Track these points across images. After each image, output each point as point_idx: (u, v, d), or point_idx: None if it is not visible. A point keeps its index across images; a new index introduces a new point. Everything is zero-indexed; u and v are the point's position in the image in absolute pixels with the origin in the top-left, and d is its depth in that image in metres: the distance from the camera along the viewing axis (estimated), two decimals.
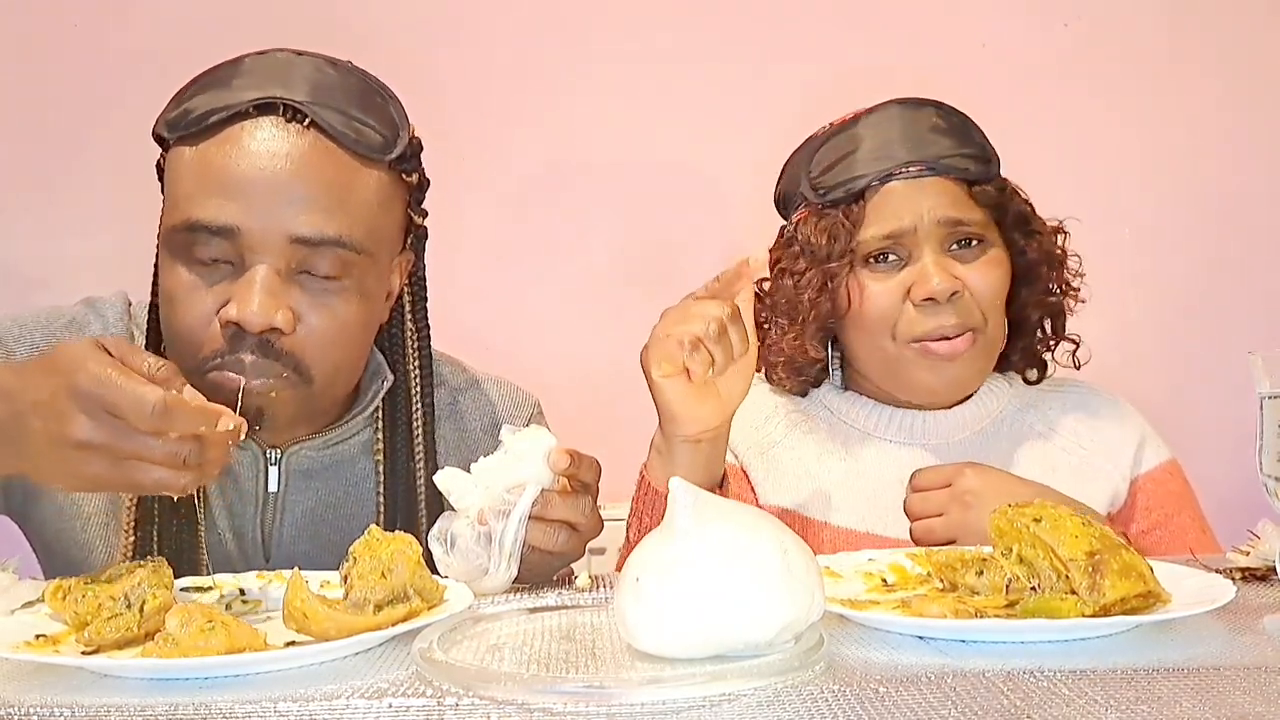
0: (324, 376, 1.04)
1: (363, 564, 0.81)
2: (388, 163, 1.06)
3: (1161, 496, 1.31)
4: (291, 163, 1.00)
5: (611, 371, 1.96)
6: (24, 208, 1.96)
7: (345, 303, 1.03)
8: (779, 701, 0.64)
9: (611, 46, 1.96)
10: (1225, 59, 1.95)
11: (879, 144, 1.27)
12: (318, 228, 1.00)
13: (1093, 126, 1.95)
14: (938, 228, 1.24)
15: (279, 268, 1.00)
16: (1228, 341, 1.89)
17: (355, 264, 1.03)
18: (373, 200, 1.04)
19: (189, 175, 1.02)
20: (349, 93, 1.06)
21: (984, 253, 1.26)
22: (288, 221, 0.99)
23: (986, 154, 1.29)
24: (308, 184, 1.00)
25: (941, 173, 1.25)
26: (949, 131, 1.28)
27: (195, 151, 1.02)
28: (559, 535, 0.96)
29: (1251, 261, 1.95)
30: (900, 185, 1.25)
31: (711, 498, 0.75)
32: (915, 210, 1.24)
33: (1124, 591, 0.75)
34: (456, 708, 0.65)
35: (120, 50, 1.94)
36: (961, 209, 1.24)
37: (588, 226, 1.98)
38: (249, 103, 1.01)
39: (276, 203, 0.99)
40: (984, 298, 1.25)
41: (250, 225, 0.98)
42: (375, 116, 1.06)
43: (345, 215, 1.01)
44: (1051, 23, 1.95)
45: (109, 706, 0.66)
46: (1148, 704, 0.62)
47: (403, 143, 1.07)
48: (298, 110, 1.01)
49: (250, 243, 0.99)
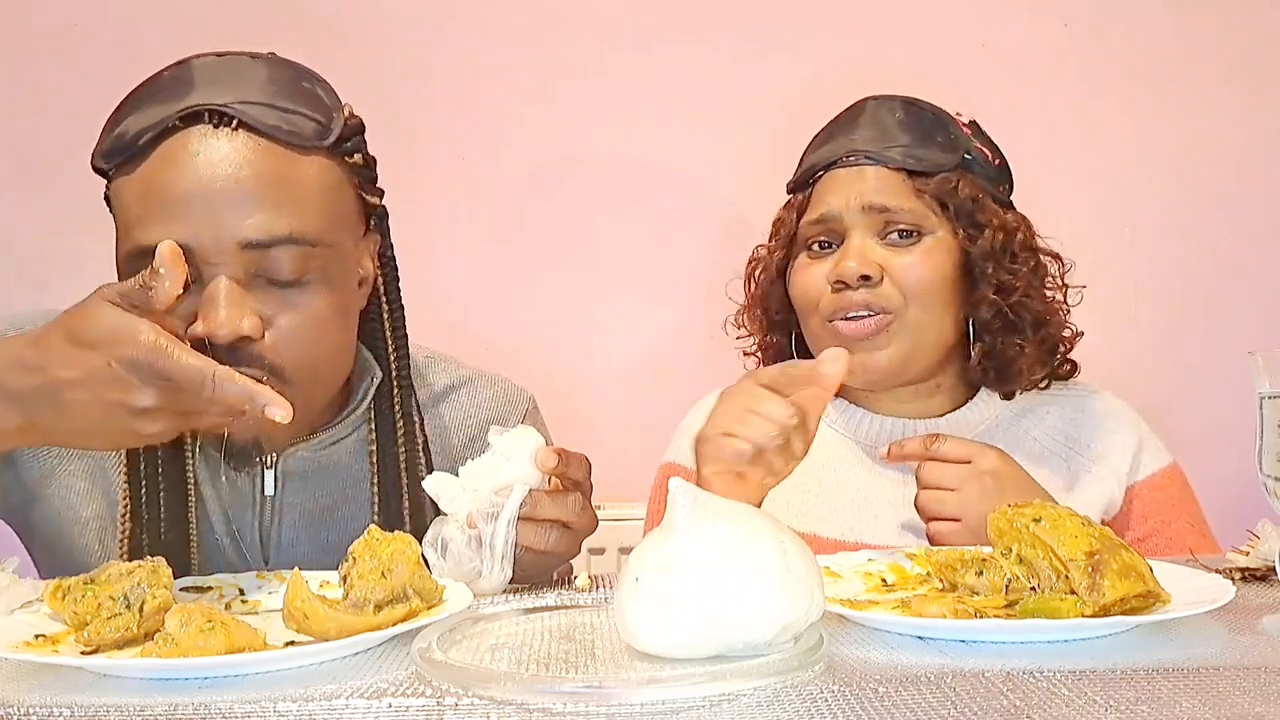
0: (302, 375, 1.02)
1: (362, 564, 0.81)
2: (326, 148, 1.03)
3: (1158, 503, 1.30)
4: (228, 168, 0.98)
5: (613, 371, 1.97)
6: (24, 208, 1.96)
7: (312, 297, 1.01)
8: (778, 701, 0.64)
9: (609, 44, 1.96)
10: (1226, 59, 1.94)
11: (837, 136, 1.32)
12: (266, 229, 0.98)
13: (1093, 126, 1.95)
14: (864, 213, 1.25)
15: (237, 276, 0.98)
16: (1228, 341, 1.88)
17: (314, 256, 1.01)
18: (317, 189, 1.02)
19: (132, 202, 1.00)
20: (273, 85, 1.03)
21: (918, 242, 1.25)
22: (235, 229, 0.97)
23: (947, 148, 1.27)
24: (247, 187, 0.98)
25: (881, 162, 1.26)
26: (908, 125, 1.28)
27: (133, 178, 1.01)
28: (550, 534, 0.96)
29: (1251, 261, 1.94)
30: (840, 173, 1.28)
31: (711, 498, 0.75)
32: (845, 195, 1.26)
33: (1123, 591, 0.75)
34: (456, 708, 0.65)
35: (121, 50, 1.94)
36: (893, 197, 1.25)
37: (587, 226, 1.98)
38: (174, 115, 0.99)
39: (220, 212, 0.97)
40: (906, 284, 1.24)
41: (200, 241, 0.97)
42: (305, 104, 1.04)
43: (292, 210, 0.99)
44: (1051, 23, 1.95)
45: (108, 706, 0.66)
46: (1147, 704, 0.62)
47: (338, 125, 1.05)
48: (223, 114, 0.99)
49: (204, 257, 0.97)
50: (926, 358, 1.28)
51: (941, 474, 1.16)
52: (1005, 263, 1.27)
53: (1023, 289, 1.27)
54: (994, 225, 1.27)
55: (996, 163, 1.34)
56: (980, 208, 1.27)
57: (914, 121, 1.29)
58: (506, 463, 0.96)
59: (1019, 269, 1.28)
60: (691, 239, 1.95)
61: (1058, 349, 1.33)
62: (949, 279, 1.26)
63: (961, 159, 1.28)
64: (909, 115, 1.30)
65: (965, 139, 1.30)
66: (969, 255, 1.27)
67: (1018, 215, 1.32)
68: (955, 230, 1.27)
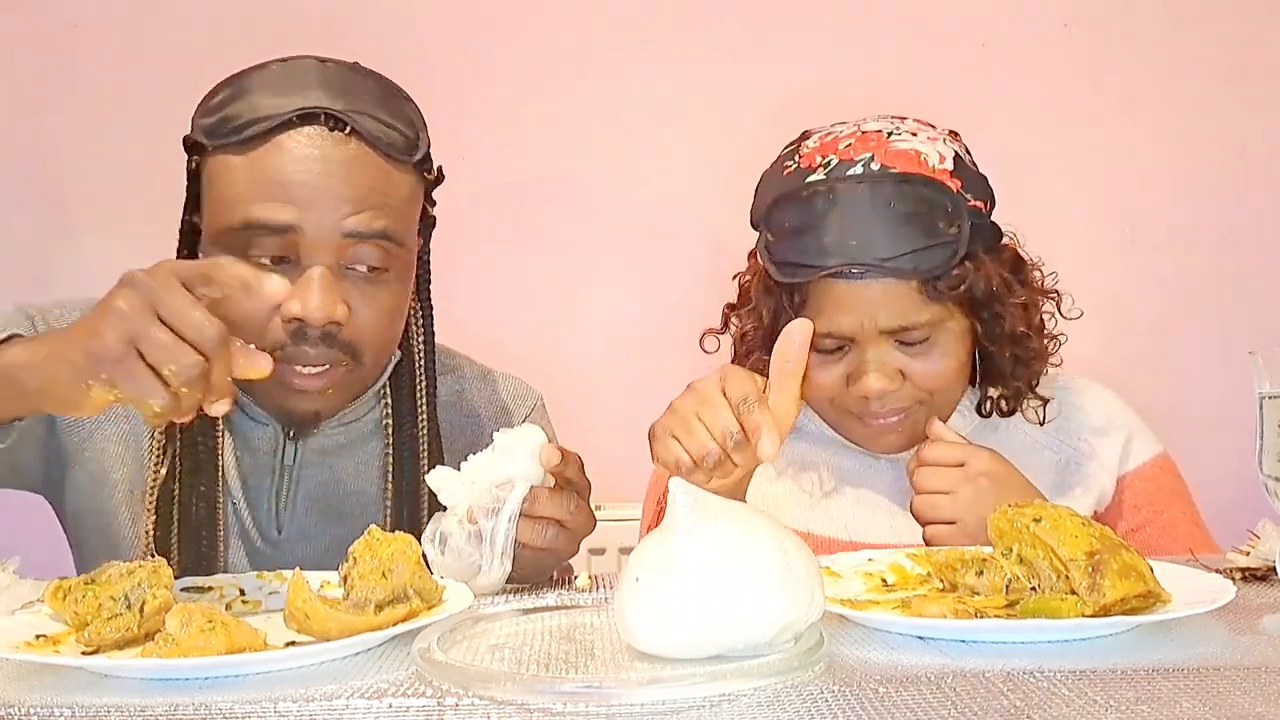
0: (373, 360, 1.14)
1: (363, 564, 0.81)
2: (414, 163, 1.14)
3: (1150, 493, 1.30)
4: (339, 167, 1.08)
5: (612, 373, 1.97)
6: (24, 207, 1.96)
7: (388, 293, 1.13)
8: (779, 702, 0.64)
9: (607, 47, 1.96)
10: (1225, 59, 1.94)
11: (832, 230, 1.17)
12: (366, 224, 1.08)
13: (1093, 126, 1.95)
14: (879, 336, 1.19)
15: (331, 264, 1.08)
16: (1227, 341, 1.88)
17: (396, 256, 1.12)
18: (404, 198, 1.13)
19: (240, 180, 1.08)
20: (375, 98, 1.14)
21: (934, 345, 1.21)
22: (339, 220, 1.07)
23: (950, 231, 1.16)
24: (354, 186, 1.08)
25: (889, 274, 1.16)
26: (907, 218, 1.16)
27: (244, 159, 1.08)
28: (548, 531, 0.98)
29: (1251, 261, 1.94)
30: (844, 286, 1.18)
31: (711, 498, 0.75)
32: (856, 316, 1.18)
33: (1124, 591, 0.75)
34: (456, 708, 0.65)
35: (121, 50, 1.94)
36: (907, 313, 1.18)
37: (586, 227, 1.98)
38: (293, 112, 1.08)
39: (328, 203, 1.07)
40: (927, 383, 1.22)
41: (306, 224, 1.07)
42: (400, 120, 1.14)
43: (387, 212, 1.10)
44: (1051, 23, 1.95)
45: (109, 707, 0.66)
46: (1148, 704, 0.62)
47: (424, 143, 1.16)
48: (339, 119, 1.09)
49: (307, 241, 1.07)
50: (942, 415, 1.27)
51: (936, 478, 1.16)
52: (1022, 341, 1.25)
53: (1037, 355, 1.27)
54: (1012, 313, 1.23)
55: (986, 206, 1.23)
56: (996, 296, 1.21)
57: (910, 209, 1.16)
58: (508, 459, 0.97)
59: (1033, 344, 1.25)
60: (691, 241, 1.95)
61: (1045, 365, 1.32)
62: (965, 360, 1.25)
63: (964, 236, 1.17)
64: (902, 201, 1.16)
65: (960, 203, 1.18)
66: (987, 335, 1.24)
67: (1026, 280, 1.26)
68: (969, 316, 1.23)
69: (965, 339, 1.24)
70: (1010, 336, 1.23)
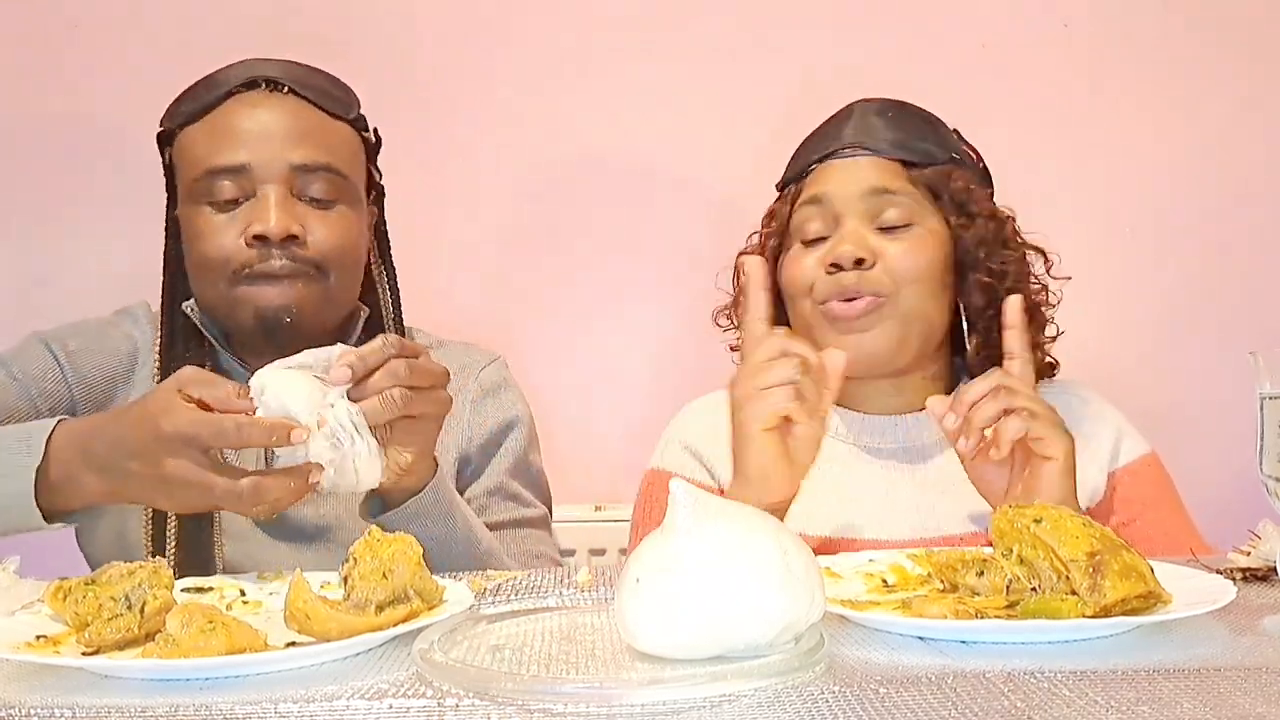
0: (337, 276, 1.25)
1: (364, 565, 0.81)
2: (349, 120, 1.30)
3: (1140, 489, 1.30)
4: (281, 115, 1.25)
5: (611, 374, 1.97)
6: (24, 206, 1.96)
7: (341, 217, 1.26)
8: (779, 702, 0.64)
9: (612, 47, 1.96)
10: (1226, 59, 1.94)
11: (830, 133, 1.35)
12: (310, 156, 1.24)
13: (1093, 127, 1.95)
14: (860, 199, 1.28)
15: (285, 191, 1.22)
16: (1227, 341, 1.88)
17: (343, 187, 1.26)
18: (344, 143, 1.29)
19: (200, 141, 1.25)
20: (309, 70, 1.31)
21: (910, 230, 1.28)
22: (287, 153, 1.23)
23: (938, 144, 1.32)
24: (297, 128, 1.24)
25: (876, 152, 1.30)
26: (899, 123, 1.32)
27: (201, 124, 1.26)
28: (394, 396, 0.98)
29: (1252, 261, 1.94)
30: (836, 163, 1.32)
31: (712, 498, 0.75)
32: (842, 181, 1.30)
33: (1125, 592, 0.75)
34: (457, 709, 0.65)
35: (122, 50, 1.94)
36: (890, 180, 1.28)
37: (584, 228, 1.98)
38: (236, 83, 1.26)
39: (275, 143, 1.23)
40: (898, 270, 1.26)
41: (257, 160, 1.22)
42: (333, 85, 1.31)
43: (328, 149, 1.26)
44: (1052, 23, 1.95)
45: (109, 707, 0.66)
46: (1148, 705, 0.62)
47: (356, 107, 1.32)
48: (276, 81, 1.26)
49: (259, 174, 1.22)
50: (916, 344, 1.29)
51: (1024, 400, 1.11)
52: (997, 250, 1.31)
53: (1013, 276, 1.31)
54: (985, 215, 1.31)
55: (981, 166, 1.38)
56: (972, 198, 1.31)
57: (905, 120, 1.33)
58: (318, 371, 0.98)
59: (1010, 255, 1.31)
60: (691, 242, 1.94)
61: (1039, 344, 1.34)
62: (940, 267, 1.29)
63: (951, 155, 1.32)
64: (899, 114, 1.34)
65: (954, 140, 1.35)
66: (960, 245, 1.30)
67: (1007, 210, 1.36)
68: (947, 219, 1.30)
69: (943, 245, 1.29)
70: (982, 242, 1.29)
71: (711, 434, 1.35)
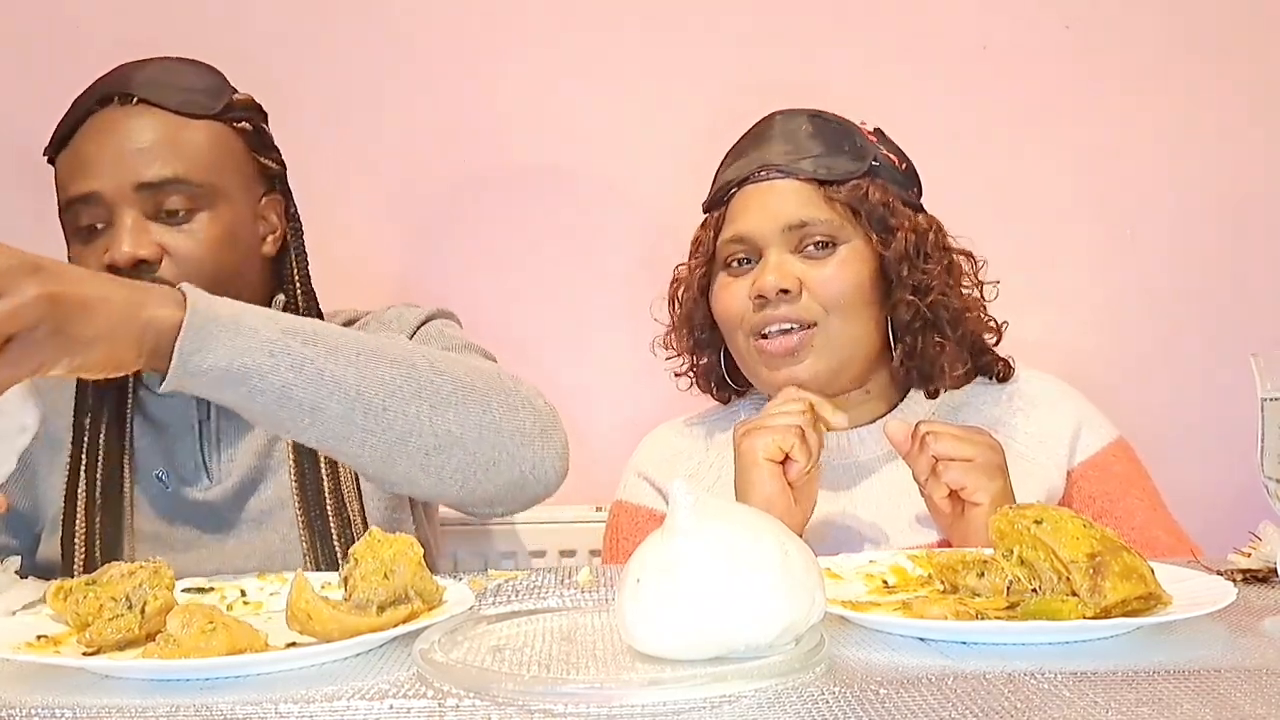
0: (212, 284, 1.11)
1: (365, 565, 0.81)
2: (215, 115, 1.28)
3: (1103, 483, 1.29)
4: (126, 132, 1.24)
5: (606, 374, 1.97)
6: (23, 206, 1.96)
7: (202, 228, 1.25)
8: (780, 703, 0.64)
9: (610, 43, 1.96)
10: (1226, 60, 1.94)
11: (748, 152, 1.33)
12: (156, 173, 1.23)
13: (1093, 128, 1.94)
14: (783, 232, 1.27)
15: (137, 214, 1.22)
16: (1228, 342, 1.88)
17: (201, 196, 1.25)
18: (204, 145, 1.27)
19: (62, 170, 1.27)
20: (168, 69, 1.30)
21: (833, 253, 1.27)
22: (135, 173, 1.22)
23: (855, 156, 1.30)
24: (140, 144, 1.23)
25: (792, 174, 1.29)
26: (815, 136, 1.31)
27: (64, 153, 1.28)
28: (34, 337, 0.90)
29: (1252, 262, 1.94)
30: (753, 189, 1.30)
31: (712, 499, 0.75)
32: (761, 212, 1.28)
33: (1125, 593, 0.75)
34: (457, 709, 0.65)
35: (122, 50, 1.94)
36: (808, 209, 1.27)
37: (581, 228, 1.97)
38: (92, 101, 1.26)
39: (119, 166, 1.22)
40: (825, 295, 1.26)
41: (106, 185, 1.22)
42: (195, 81, 1.29)
43: (178, 161, 1.24)
44: (1053, 25, 1.94)
45: (110, 707, 0.66)
46: (1149, 706, 0.62)
47: (225, 99, 1.29)
48: (128, 94, 1.25)
49: (110, 199, 1.22)
50: (853, 366, 1.29)
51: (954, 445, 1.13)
52: (919, 263, 1.29)
53: (938, 288, 1.29)
54: (905, 228, 1.29)
55: (903, 167, 1.35)
56: (891, 212, 1.29)
57: (821, 132, 1.32)
58: None
59: (932, 268, 1.30)
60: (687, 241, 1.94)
61: (979, 344, 1.34)
62: (866, 285, 1.28)
63: (869, 166, 1.30)
64: (816, 127, 1.32)
65: (871, 146, 1.32)
66: (884, 260, 1.29)
67: (929, 217, 1.33)
68: (869, 236, 1.29)
69: (867, 262, 1.29)
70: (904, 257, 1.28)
71: (663, 459, 1.39)
